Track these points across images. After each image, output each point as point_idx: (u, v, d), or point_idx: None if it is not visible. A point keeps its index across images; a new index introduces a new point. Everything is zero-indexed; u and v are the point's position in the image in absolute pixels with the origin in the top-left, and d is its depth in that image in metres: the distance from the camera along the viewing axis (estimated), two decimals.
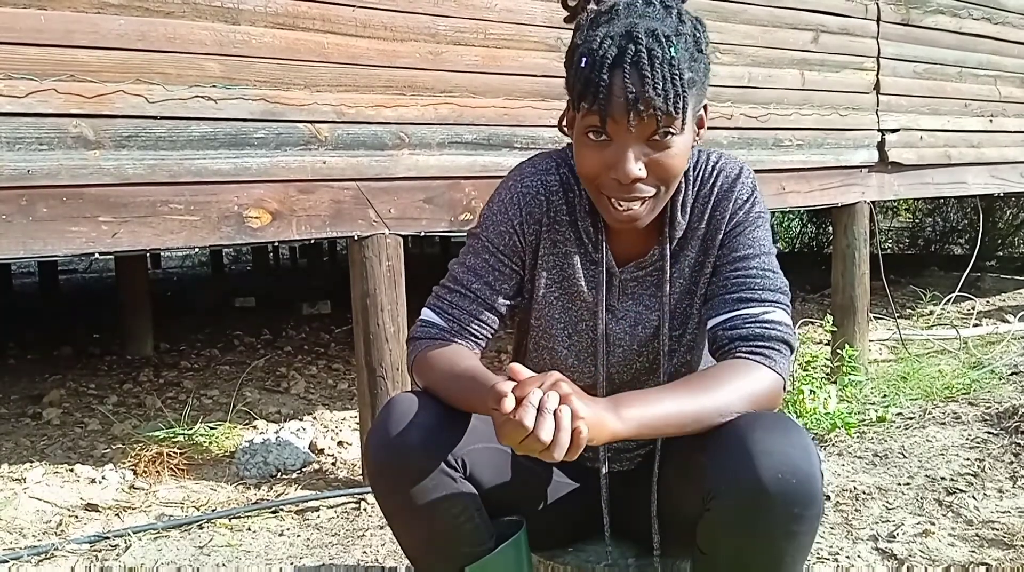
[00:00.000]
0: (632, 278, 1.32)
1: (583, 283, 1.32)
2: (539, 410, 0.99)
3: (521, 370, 1.06)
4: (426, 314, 1.33)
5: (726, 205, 1.27)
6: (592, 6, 1.23)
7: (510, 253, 1.32)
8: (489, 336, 1.33)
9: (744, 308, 1.22)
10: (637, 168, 1.14)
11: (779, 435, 1.07)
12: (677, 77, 1.11)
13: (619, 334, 1.32)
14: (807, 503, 1.05)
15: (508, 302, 1.33)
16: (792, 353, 1.22)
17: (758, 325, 1.20)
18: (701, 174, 1.30)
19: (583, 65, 1.15)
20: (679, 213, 1.28)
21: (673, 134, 1.14)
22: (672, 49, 1.11)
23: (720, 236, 1.27)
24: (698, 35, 1.18)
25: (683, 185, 1.28)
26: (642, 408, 1.09)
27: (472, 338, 1.31)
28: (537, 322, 1.36)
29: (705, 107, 1.24)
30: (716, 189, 1.28)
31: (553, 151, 1.37)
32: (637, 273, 1.31)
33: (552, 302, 1.33)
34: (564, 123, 1.30)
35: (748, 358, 1.18)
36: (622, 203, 1.18)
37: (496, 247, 1.31)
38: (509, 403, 1.00)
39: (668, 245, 1.29)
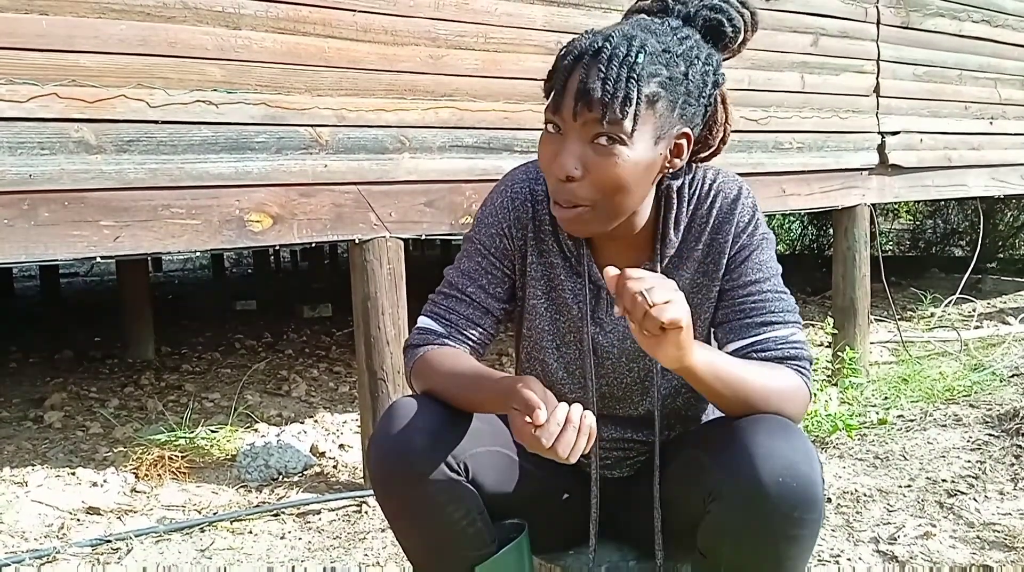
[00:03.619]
0: None
1: (568, 295, 1.31)
2: (564, 422, 1.03)
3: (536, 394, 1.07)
4: (423, 321, 1.33)
5: (728, 229, 1.25)
6: None
7: (501, 256, 1.32)
8: (487, 341, 1.33)
9: (770, 331, 1.22)
10: (572, 165, 1.12)
11: (781, 439, 1.07)
12: (632, 81, 1.07)
13: (607, 347, 1.31)
14: (808, 507, 1.05)
15: (502, 306, 1.33)
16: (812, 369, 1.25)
17: (789, 346, 1.21)
18: (697, 193, 1.26)
19: (560, 53, 1.15)
20: (671, 230, 1.25)
21: (618, 142, 1.10)
22: (641, 56, 1.08)
23: (724, 260, 1.25)
24: (694, 62, 1.13)
25: (675, 202, 1.24)
26: (716, 356, 1.13)
27: (470, 343, 1.31)
28: (528, 332, 1.36)
29: (688, 137, 1.17)
30: (715, 211, 1.25)
31: None
32: None
33: (541, 313, 1.33)
34: None
35: (791, 370, 1.20)
36: (557, 200, 1.17)
37: (488, 250, 1.31)
38: (542, 416, 1.02)
39: (659, 263, 1.26)
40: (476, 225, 1.34)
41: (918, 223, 9.04)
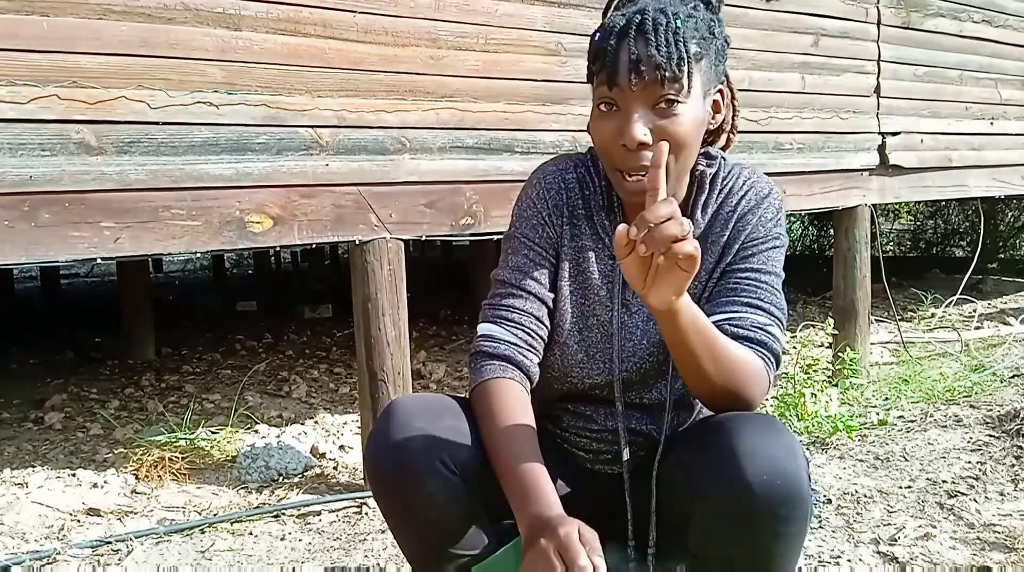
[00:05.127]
0: None
1: (597, 277, 1.33)
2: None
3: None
4: (484, 328, 1.31)
5: (750, 218, 1.29)
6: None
7: (546, 245, 1.34)
8: (545, 336, 1.32)
9: (754, 313, 1.24)
10: (642, 132, 1.17)
11: (765, 437, 1.08)
12: (681, 42, 1.15)
13: (632, 328, 1.32)
14: (793, 504, 1.06)
15: (554, 294, 1.34)
16: (776, 371, 1.27)
17: (765, 334, 1.23)
18: (730, 186, 1.31)
19: (596, 38, 1.21)
20: (699, 212, 1.29)
21: (678, 101, 1.17)
22: (678, 22, 1.16)
23: (737, 246, 1.29)
24: (712, 25, 1.22)
25: (706, 187, 1.30)
26: (698, 310, 1.13)
27: (532, 342, 1.30)
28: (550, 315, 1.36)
29: (722, 92, 1.27)
30: (744, 202, 1.30)
31: (572, 154, 1.40)
32: None
33: (566, 295, 1.34)
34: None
35: (759, 358, 1.22)
36: (631, 174, 1.20)
37: (532, 241, 1.33)
38: None
39: None
40: (516, 221, 1.36)
41: (919, 224, 9.05)
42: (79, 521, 2.47)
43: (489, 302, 1.34)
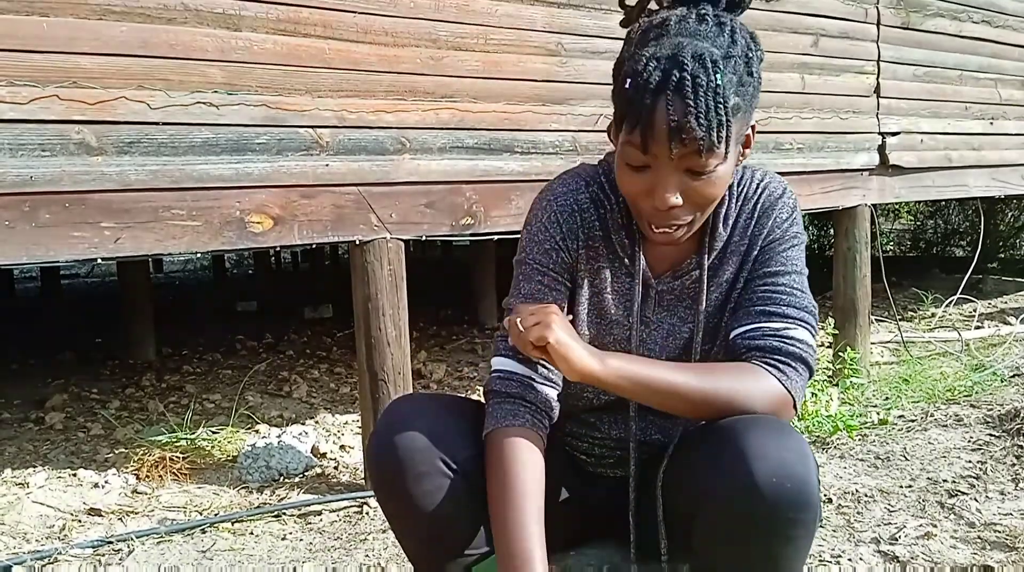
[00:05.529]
0: (668, 289, 1.31)
1: (615, 296, 1.31)
2: None
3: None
4: (497, 362, 1.29)
5: (765, 221, 1.28)
6: (645, 19, 1.20)
7: (560, 270, 1.30)
8: None
9: (766, 321, 1.22)
10: (674, 197, 1.13)
11: (775, 439, 1.07)
12: (721, 106, 1.08)
13: (650, 345, 1.31)
14: (802, 507, 1.05)
15: (571, 318, 1.31)
16: (810, 374, 1.22)
17: (776, 339, 1.21)
18: (745, 191, 1.29)
19: (627, 86, 1.12)
20: (720, 225, 1.27)
21: (714, 163, 1.12)
22: (718, 75, 1.08)
23: (755, 252, 1.28)
24: (750, 55, 1.15)
25: (727, 198, 1.27)
26: (628, 363, 1.15)
27: (549, 373, 1.28)
28: None
29: (753, 127, 1.22)
30: (759, 206, 1.28)
31: (580, 168, 1.35)
32: (673, 283, 1.30)
33: (583, 319, 1.32)
34: (611, 133, 1.24)
35: (760, 366, 1.19)
36: (658, 226, 1.18)
37: (546, 267, 1.30)
38: None
39: (706, 257, 1.28)
40: (526, 246, 1.31)
41: (919, 223, 9.04)
42: (80, 521, 2.47)
43: (503, 333, 1.30)
